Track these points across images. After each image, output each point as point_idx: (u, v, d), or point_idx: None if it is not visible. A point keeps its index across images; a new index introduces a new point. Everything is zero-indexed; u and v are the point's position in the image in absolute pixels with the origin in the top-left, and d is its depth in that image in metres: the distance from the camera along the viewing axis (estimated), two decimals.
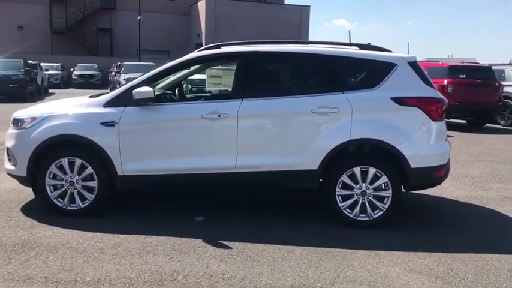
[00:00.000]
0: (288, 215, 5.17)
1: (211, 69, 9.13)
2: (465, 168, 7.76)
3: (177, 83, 5.94)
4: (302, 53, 4.99)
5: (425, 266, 3.92)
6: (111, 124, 4.76)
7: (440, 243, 4.43)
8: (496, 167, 8.08)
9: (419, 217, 5.33)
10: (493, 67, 14.11)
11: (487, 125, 14.26)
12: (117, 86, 24.01)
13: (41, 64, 26.95)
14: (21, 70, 20.84)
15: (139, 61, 31.84)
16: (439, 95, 4.89)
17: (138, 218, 4.96)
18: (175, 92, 5.78)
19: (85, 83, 33.74)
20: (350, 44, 5.19)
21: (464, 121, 14.11)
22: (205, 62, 5.54)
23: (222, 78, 9.62)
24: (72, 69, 35.88)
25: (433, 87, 4.91)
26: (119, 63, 27.85)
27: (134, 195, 5.57)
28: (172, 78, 5.82)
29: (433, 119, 4.75)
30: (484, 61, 14.82)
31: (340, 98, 4.73)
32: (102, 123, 4.77)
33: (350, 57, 4.89)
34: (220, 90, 9.21)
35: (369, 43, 5.40)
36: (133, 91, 4.73)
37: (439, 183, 5.06)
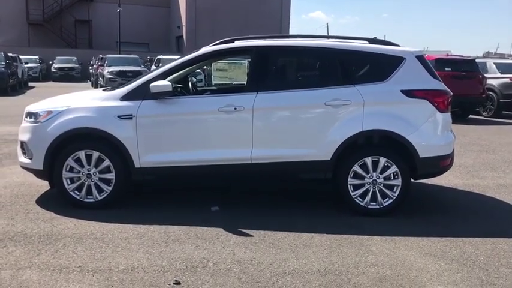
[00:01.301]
0: (299, 205, 5.34)
1: (217, 63, 9.22)
2: (458, 158, 8.01)
3: (184, 77, 6.02)
4: (315, 47, 5.14)
5: (439, 250, 4.14)
6: (129, 117, 4.83)
7: (448, 229, 4.66)
8: (486, 157, 8.41)
9: (424, 205, 5.56)
10: (476, 60, 14.53)
11: (470, 116, 14.71)
12: (101, 79, 23.79)
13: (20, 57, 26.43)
14: (2, 63, 20.44)
15: (119, 53, 31.50)
16: (445, 87, 5.11)
17: (155, 208, 5.07)
18: (186, 85, 5.86)
19: (65, 76, 33.25)
20: (359, 38, 5.36)
21: None
22: (220, 56, 5.64)
23: (227, 71, 9.74)
24: (50, 62, 35.27)
25: (439, 80, 5.12)
26: (100, 56, 27.50)
27: (148, 187, 5.66)
28: (180, 72, 5.92)
29: (440, 111, 4.96)
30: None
31: (352, 90, 4.90)
32: (119, 116, 4.84)
33: (361, 51, 5.06)
34: (233, 84, 9.33)
35: (375, 37, 5.58)
36: (151, 85, 4.81)
37: (444, 171, 5.29)
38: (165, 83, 4.82)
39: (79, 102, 5.05)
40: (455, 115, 14.23)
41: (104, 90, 5.50)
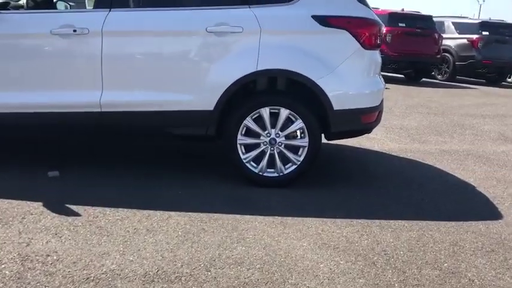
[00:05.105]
0: (170, 172, 3.95)
1: None
2: (401, 120, 6.88)
3: None
4: None
5: (344, 239, 2.89)
6: None
7: (365, 208, 3.43)
8: (433, 119, 7.26)
9: (341, 174, 4.30)
10: (434, 19, 13.31)
11: (424, 79, 13.61)
12: None
13: None
14: None
15: None
16: (375, 16, 3.78)
17: None
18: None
19: None
20: None
21: (401, 75, 13.40)
22: None
23: None
24: None
25: (368, 6, 3.78)
26: None
27: None
28: None
29: (365, 47, 3.63)
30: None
31: (245, 13, 3.51)
32: None
33: None
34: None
35: None
36: None
37: (369, 130, 4.01)
38: None
39: None
40: (408, 77, 13.22)
41: None
